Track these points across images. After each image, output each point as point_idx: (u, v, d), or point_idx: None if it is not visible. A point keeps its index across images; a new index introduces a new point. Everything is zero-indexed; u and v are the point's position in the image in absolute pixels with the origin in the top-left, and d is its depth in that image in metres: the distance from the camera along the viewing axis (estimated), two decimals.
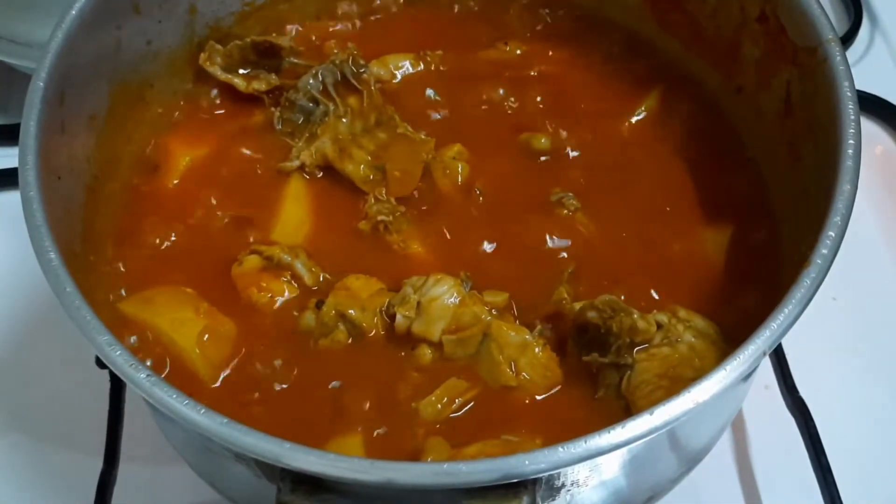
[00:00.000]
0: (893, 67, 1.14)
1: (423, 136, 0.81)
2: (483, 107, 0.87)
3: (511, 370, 0.69)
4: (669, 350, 0.67)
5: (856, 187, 0.62)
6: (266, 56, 0.87)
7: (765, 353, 0.56)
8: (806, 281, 0.58)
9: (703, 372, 0.55)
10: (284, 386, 0.70)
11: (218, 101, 0.87)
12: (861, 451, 0.84)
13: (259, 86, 0.86)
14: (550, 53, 0.91)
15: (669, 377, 0.66)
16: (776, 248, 0.74)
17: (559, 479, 0.59)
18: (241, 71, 0.87)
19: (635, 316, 0.68)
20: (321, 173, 0.82)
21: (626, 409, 0.67)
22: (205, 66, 0.86)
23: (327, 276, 0.75)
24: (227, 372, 0.71)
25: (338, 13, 0.94)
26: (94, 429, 0.83)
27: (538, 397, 0.68)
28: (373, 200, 0.78)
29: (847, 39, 1.13)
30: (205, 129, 0.86)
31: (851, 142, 0.64)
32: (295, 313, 0.73)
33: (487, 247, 0.77)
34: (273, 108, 0.85)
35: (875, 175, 1.03)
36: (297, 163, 0.81)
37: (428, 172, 0.81)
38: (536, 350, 0.69)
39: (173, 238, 0.78)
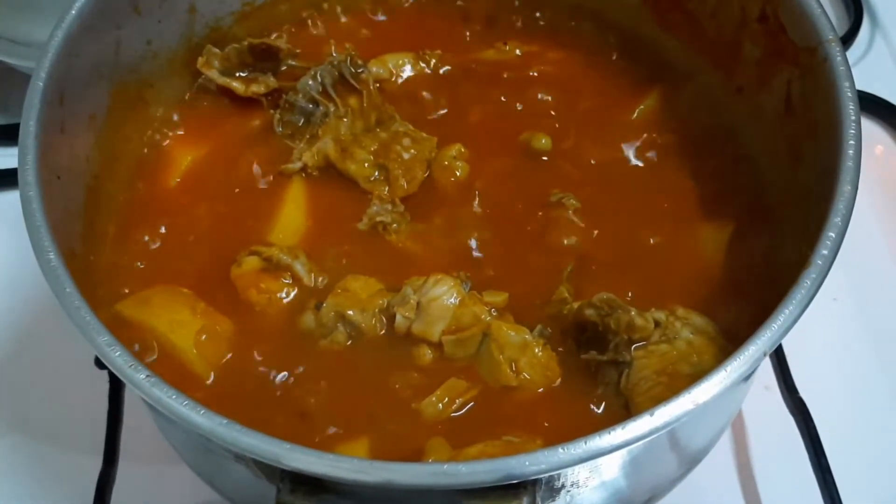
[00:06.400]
0: (893, 67, 1.14)
1: (424, 135, 0.81)
2: (483, 107, 0.86)
3: (511, 370, 0.69)
4: (667, 347, 0.67)
5: (856, 187, 0.62)
6: (264, 58, 0.87)
7: (765, 354, 0.56)
8: (806, 281, 0.58)
9: (701, 368, 0.55)
10: (284, 387, 0.70)
11: (218, 102, 0.87)
12: (861, 451, 0.84)
13: (257, 88, 0.86)
14: (550, 54, 0.91)
15: (668, 374, 0.66)
16: (776, 247, 0.74)
17: (559, 479, 0.59)
18: (238, 74, 0.86)
19: (633, 313, 0.68)
20: (321, 174, 0.82)
21: (626, 407, 0.67)
22: (202, 70, 0.86)
23: (326, 276, 0.75)
24: (226, 372, 0.71)
25: (337, 13, 0.94)
26: (93, 429, 0.83)
27: (538, 397, 0.68)
28: (376, 200, 0.78)
29: (847, 39, 1.13)
30: (205, 130, 0.86)
31: (852, 142, 0.64)
32: (294, 314, 0.73)
33: (487, 247, 0.77)
34: (272, 111, 0.85)
35: (875, 175, 1.03)
36: (299, 164, 0.81)
37: (428, 172, 0.81)
38: (536, 350, 0.69)
39: (173, 238, 0.78)
